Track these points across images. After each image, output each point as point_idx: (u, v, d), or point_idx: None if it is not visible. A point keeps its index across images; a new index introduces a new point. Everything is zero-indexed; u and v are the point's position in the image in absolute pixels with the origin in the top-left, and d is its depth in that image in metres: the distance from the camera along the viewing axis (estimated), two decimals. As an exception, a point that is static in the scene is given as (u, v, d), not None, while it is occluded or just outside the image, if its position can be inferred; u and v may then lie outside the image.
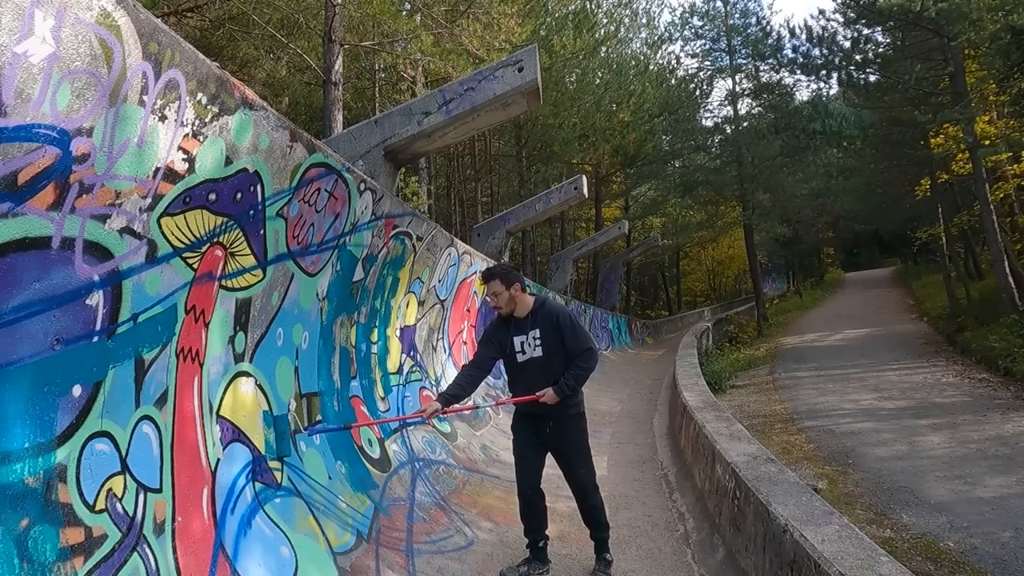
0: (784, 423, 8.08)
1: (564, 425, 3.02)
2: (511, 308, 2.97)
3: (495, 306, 3.00)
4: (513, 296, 2.96)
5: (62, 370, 1.69)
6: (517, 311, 2.99)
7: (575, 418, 3.06)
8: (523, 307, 2.99)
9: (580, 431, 3.07)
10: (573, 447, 3.06)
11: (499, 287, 2.95)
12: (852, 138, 15.19)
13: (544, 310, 2.96)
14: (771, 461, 3.36)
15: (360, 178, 3.53)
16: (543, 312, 2.96)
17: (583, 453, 3.07)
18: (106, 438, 1.85)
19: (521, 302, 2.98)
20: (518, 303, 2.98)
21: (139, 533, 1.89)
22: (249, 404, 2.74)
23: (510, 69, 4.74)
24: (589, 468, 3.08)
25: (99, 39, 1.58)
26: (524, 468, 3.10)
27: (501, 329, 3.05)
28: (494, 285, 2.96)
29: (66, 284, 1.67)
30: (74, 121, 1.56)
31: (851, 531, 2.34)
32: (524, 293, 3.00)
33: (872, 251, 50.40)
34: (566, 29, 14.28)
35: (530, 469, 3.09)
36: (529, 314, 2.96)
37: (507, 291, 2.95)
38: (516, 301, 2.97)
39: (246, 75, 11.03)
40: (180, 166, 2.03)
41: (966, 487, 5.10)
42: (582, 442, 3.07)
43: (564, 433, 3.03)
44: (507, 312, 2.98)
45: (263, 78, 11.64)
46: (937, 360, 11.61)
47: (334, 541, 2.83)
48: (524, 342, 2.97)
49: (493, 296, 2.97)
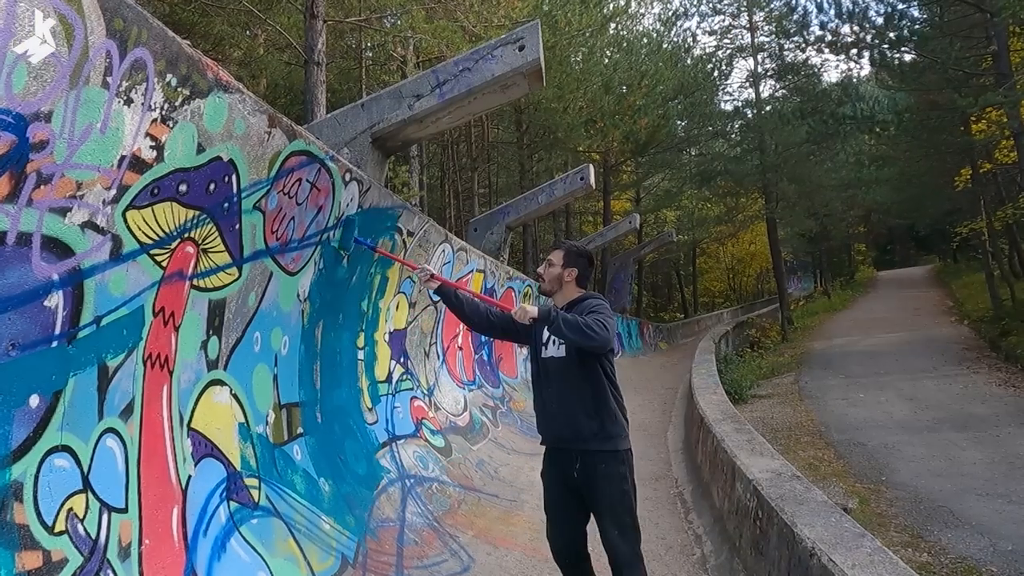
0: (811, 436, 8.08)
1: (595, 467, 2.48)
2: (552, 288, 2.78)
3: (540, 274, 2.84)
4: (563, 278, 2.75)
5: (17, 378, 1.69)
6: (557, 298, 2.79)
7: (610, 459, 2.50)
8: (564, 296, 2.77)
9: (616, 478, 2.48)
10: (605, 499, 2.47)
11: (558, 259, 2.77)
12: (885, 123, 15.17)
13: (579, 306, 2.66)
14: (797, 478, 3.36)
15: (345, 167, 3.53)
16: (577, 308, 2.66)
17: (618, 509, 2.46)
18: (66, 453, 1.85)
19: (567, 291, 2.77)
20: (563, 289, 2.77)
21: (102, 557, 1.89)
22: (223, 415, 2.74)
23: (510, 47, 4.74)
24: (627, 532, 2.45)
25: (58, 15, 1.57)
26: (555, 528, 2.62)
27: None
28: (556, 255, 2.79)
29: (22, 284, 1.67)
30: (31, 105, 1.56)
31: (884, 555, 2.34)
32: (576, 286, 2.77)
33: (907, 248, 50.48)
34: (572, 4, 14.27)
35: (563, 529, 2.59)
36: (566, 307, 2.71)
37: (561, 269, 2.75)
38: (562, 285, 2.77)
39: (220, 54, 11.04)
40: (148, 154, 2.03)
41: (1010, 506, 5.10)
42: (619, 494, 2.47)
43: (594, 478, 2.48)
44: (546, 289, 2.81)
45: (239, 57, 11.66)
46: (979, 367, 11.62)
47: (316, 566, 2.83)
48: (551, 336, 2.71)
49: (547, 265, 2.81)
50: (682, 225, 29.52)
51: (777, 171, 21.35)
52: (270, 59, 12.40)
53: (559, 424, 2.58)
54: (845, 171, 22.77)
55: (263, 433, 3.05)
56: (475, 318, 2.90)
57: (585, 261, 2.78)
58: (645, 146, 21.49)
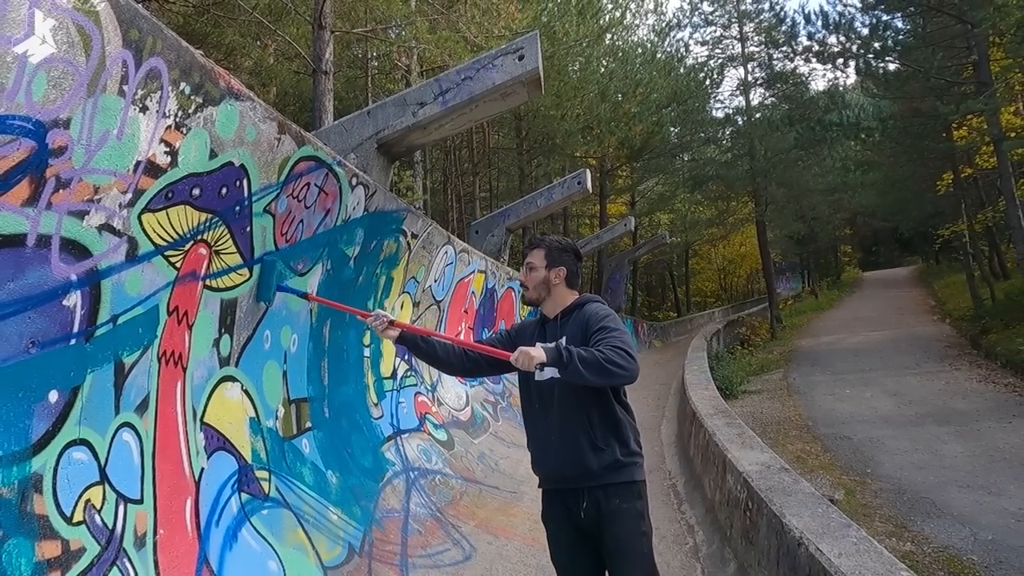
0: (799, 430, 8.08)
1: (607, 502, 1.99)
2: (539, 296, 2.21)
3: (523, 282, 2.27)
4: (549, 282, 2.19)
5: (38, 374, 1.69)
6: (547, 306, 2.21)
7: (625, 492, 2.02)
8: (556, 303, 2.20)
9: (633, 515, 2.00)
10: (619, 541, 1.98)
11: (539, 259, 2.21)
12: (870, 130, 15.20)
13: (579, 313, 2.14)
14: (785, 470, 3.36)
15: (352, 172, 3.53)
16: (577, 316, 2.13)
17: (634, 556, 1.99)
18: (84, 446, 1.85)
19: (557, 296, 2.20)
20: (552, 294, 2.20)
21: (119, 546, 1.89)
22: (235, 410, 2.74)
23: (510, 57, 4.74)
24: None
25: (76, 25, 1.58)
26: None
27: (531, 331, 2.26)
28: (535, 255, 2.22)
29: (42, 284, 1.67)
30: (50, 112, 1.56)
31: (869, 544, 2.34)
32: (568, 288, 2.22)
33: (891, 249, 50.46)
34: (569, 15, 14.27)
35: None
36: (560, 315, 2.17)
37: (546, 271, 2.19)
38: (550, 290, 2.20)
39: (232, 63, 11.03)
40: (162, 160, 2.03)
41: (990, 497, 5.11)
42: (636, 534, 1.99)
43: (606, 515, 1.99)
44: (532, 298, 2.23)
45: (249, 67, 11.65)
46: (960, 364, 11.62)
47: (324, 555, 2.83)
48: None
49: (526, 269, 2.23)
50: (675, 227, 29.53)
51: (766, 176, 21.38)
52: (280, 68, 12.40)
53: (562, 461, 2.04)
54: (832, 176, 22.79)
55: (273, 427, 3.05)
56: (452, 361, 2.30)
57: (572, 256, 2.24)
58: (640, 152, 21.48)
